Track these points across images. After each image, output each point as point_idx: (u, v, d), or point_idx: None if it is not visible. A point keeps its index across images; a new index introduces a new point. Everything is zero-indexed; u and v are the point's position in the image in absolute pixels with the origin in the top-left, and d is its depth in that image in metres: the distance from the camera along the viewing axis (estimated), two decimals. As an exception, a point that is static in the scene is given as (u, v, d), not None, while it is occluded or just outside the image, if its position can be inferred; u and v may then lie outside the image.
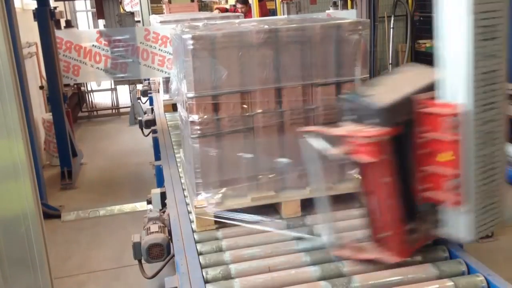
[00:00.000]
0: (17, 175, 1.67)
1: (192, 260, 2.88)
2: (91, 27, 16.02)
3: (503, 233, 4.77)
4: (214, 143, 3.19)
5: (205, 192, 3.24)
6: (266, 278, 2.68)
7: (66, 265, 4.80)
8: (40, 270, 1.74)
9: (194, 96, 3.13)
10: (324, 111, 3.32)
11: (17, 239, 1.72)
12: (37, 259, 1.74)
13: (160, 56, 6.89)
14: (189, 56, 3.08)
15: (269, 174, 3.30)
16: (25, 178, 1.68)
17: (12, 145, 1.64)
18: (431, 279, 2.64)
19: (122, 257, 4.85)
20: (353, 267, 2.75)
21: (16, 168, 1.67)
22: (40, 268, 1.74)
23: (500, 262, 4.22)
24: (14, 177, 1.68)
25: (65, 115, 7.34)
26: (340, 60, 3.30)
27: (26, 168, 1.67)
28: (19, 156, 1.65)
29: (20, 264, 1.75)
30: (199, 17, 6.99)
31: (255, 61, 3.16)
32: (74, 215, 6.05)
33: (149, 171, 7.25)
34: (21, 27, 6.37)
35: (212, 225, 3.24)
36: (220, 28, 3.38)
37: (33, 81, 8.64)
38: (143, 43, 6.89)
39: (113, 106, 12.11)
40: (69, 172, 7.14)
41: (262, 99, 3.21)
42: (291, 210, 3.33)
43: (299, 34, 3.21)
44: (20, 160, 1.66)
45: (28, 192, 1.69)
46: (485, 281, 2.56)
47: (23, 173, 1.67)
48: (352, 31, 3.29)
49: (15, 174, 1.68)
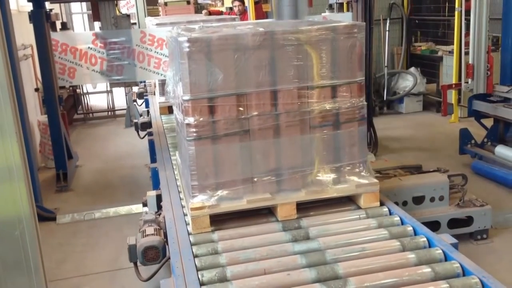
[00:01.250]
0: (12, 177, 1.67)
1: (188, 263, 2.87)
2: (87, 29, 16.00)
3: (497, 235, 4.79)
4: (210, 145, 3.20)
5: (201, 194, 3.24)
6: (262, 280, 2.68)
7: (61, 268, 4.78)
8: (35, 274, 1.73)
9: (190, 98, 3.13)
10: (319, 113, 3.33)
11: (11, 243, 1.72)
12: (31, 263, 1.73)
13: (156, 58, 6.89)
14: (185, 58, 3.08)
15: (265, 177, 3.30)
16: (20, 181, 1.67)
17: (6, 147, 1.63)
18: (426, 281, 2.64)
19: (118, 259, 4.84)
20: (349, 269, 2.75)
21: (11, 170, 1.66)
22: (35, 272, 1.73)
23: (494, 264, 4.23)
24: (9, 180, 1.67)
25: (61, 117, 7.33)
26: (336, 62, 3.31)
27: (21, 170, 1.66)
28: (14, 159, 1.65)
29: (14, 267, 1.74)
30: (195, 19, 7.00)
31: (251, 64, 3.17)
32: (69, 217, 6.03)
33: (144, 174, 7.24)
34: (16, 29, 6.36)
35: (208, 228, 3.24)
36: (216, 30, 3.39)
37: (29, 83, 8.62)
38: (139, 46, 6.89)
39: (109, 108, 12.09)
40: (65, 174, 7.11)
41: (258, 102, 3.22)
42: (287, 212, 3.33)
43: (295, 37, 3.22)
44: (15, 163, 1.65)
45: (23, 195, 1.69)
46: (480, 283, 2.57)
47: (18, 176, 1.66)
48: (347, 34, 3.30)
49: (9, 176, 1.67)
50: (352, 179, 3.46)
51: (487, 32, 6.46)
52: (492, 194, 5.56)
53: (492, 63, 6.51)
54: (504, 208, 5.23)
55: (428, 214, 4.45)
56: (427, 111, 9.90)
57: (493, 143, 6.48)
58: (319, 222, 3.32)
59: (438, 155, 7.12)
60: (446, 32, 10.59)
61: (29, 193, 1.68)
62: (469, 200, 4.67)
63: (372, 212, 3.43)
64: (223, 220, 3.33)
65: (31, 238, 1.71)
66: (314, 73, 3.28)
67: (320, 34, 3.26)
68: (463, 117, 8.73)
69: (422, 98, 9.96)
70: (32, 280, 1.74)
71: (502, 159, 6.12)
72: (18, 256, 1.72)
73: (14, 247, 1.71)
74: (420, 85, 9.75)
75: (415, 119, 9.38)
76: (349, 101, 3.37)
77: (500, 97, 6.43)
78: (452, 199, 4.65)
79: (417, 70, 9.91)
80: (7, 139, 1.62)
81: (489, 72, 6.48)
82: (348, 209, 3.49)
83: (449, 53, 9.37)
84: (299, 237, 3.14)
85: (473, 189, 5.16)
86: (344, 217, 3.39)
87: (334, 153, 3.41)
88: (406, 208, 4.26)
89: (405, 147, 7.66)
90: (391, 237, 3.11)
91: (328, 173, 3.41)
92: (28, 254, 1.72)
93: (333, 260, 2.86)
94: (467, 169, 6.25)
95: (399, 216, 3.35)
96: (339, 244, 3.03)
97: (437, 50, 10.08)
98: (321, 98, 3.32)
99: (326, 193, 3.41)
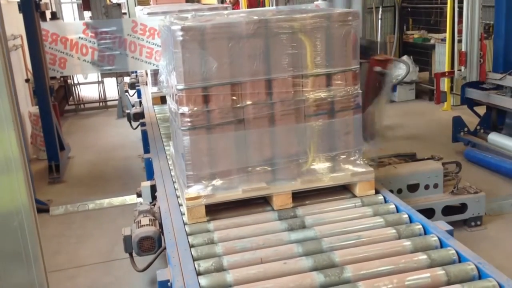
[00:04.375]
0: (10, 168, 1.64)
1: (184, 253, 2.87)
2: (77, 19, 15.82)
3: (491, 221, 4.82)
4: (205, 135, 3.18)
5: (196, 184, 3.23)
6: (259, 269, 2.68)
7: (55, 259, 4.76)
8: (35, 264, 1.72)
9: (184, 88, 3.11)
10: (314, 102, 3.31)
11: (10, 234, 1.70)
12: (31, 254, 1.71)
13: (148, 48, 6.82)
14: (179, 47, 3.05)
15: (260, 166, 3.29)
16: (18, 172, 1.65)
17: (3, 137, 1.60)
18: (422, 268, 2.66)
19: (113, 250, 4.82)
20: (345, 257, 2.76)
21: (9, 161, 1.63)
22: (34, 262, 1.71)
23: (489, 250, 4.26)
24: (7, 171, 1.65)
25: (52, 109, 7.26)
26: (330, 51, 3.30)
27: (18, 161, 1.63)
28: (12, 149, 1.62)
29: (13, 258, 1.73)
30: (186, 8, 6.93)
31: (245, 53, 3.15)
32: (62, 209, 5.99)
33: (137, 164, 7.20)
34: (5, 19, 6.27)
35: (204, 218, 3.23)
36: (209, 19, 3.36)
37: (19, 74, 8.51)
38: (130, 35, 6.81)
39: (101, 99, 11.99)
40: (57, 166, 7.06)
41: (252, 91, 3.20)
42: (282, 202, 3.33)
43: (289, 25, 3.20)
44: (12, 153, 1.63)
45: (21, 185, 1.66)
46: (476, 269, 2.58)
47: (16, 166, 1.64)
48: (342, 22, 3.28)
49: (7, 167, 1.64)
50: (347, 168, 3.46)
51: (480, 19, 6.45)
52: (485, 181, 5.59)
53: (485, 51, 6.51)
54: (498, 195, 5.26)
55: (422, 202, 4.46)
56: (420, 99, 9.91)
57: (486, 131, 6.50)
58: (314, 210, 3.32)
59: (431, 143, 7.13)
60: (438, 20, 10.58)
61: (27, 184, 1.66)
62: (463, 187, 4.68)
63: (368, 200, 3.43)
64: (219, 210, 3.32)
65: (29, 228, 1.69)
66: (309, 61, 3.26)
67: (315, 22, 3.24)
68: (455, 105, 8.75)
69: (414, 87, 9.96)
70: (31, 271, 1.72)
71: (495, 147, 6.15)
72: (17, 247, 1.70)
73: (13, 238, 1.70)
74: (413, 73, 9.74)
75: (408, 108, 9.38)
76: (344, 89, 3.36)
77: (493, 85, 6.44)
78: (446, 186, 4.66)
79: (410, 58, 9.89)
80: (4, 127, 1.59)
81: (482, 60, 6.49)
82: (344, 197, 3.50)
83: (441, 41, 9.36)
84: (295, 226, 3.14)
85: (467, 177, 5.18)
86: (340, 206, 3.39)
87: (329, 141, 3.40)
88: (401, 196, 4.27)
89: (399, 135, 7.66)
90: (387, 224, 3.12)
91: (323, 162, 3.41)
92: (27, 245, 1.71)
93: (329, 249, 2.86)
94: (460, 156, 6.27)
95: (394, 204, 3.36)
96: (335, 232, 3.04)
97: (429, 38, 10.06)
98: (315, 86, 3.31)
99: (322, 182, 3.41)
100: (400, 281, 2.53)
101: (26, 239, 1.70)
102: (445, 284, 2.54)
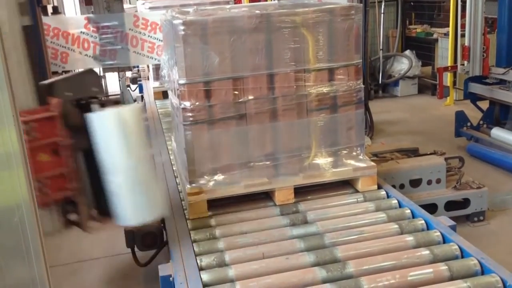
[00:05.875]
0: (10, 163, 1.64)
1: (186, 248, 2.86)
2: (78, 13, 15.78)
3: (494, 217, 4.80)
4: (206, 130, 3.17)
5: (198, 179, 3.22)
6: (261, 264, 2.68)
7: (58, 254, 4.76)
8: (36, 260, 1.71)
9: (186, 82, 3.10)
10: (316, 97, 3.30)
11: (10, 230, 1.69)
12: (32, 249, 1.71)
13: (149, 42, 6.81)
14: (180, 42, 3.04)
15: (262, 161, 3.29)
16: (19, 167, 1.64)
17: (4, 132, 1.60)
18: (425, 263, 2.65)
19: (115, 245, 4.82)
20: (348, 252, 2.75)
21: (9, 156, 1.63)
22: (35, 258, 1.71)
23: (491, 246, 4.24)
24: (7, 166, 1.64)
25: (54, 103, 7.25)
26: (333, 45, 3.28)
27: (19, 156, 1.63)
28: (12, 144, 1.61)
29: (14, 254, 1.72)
30: (188, 2, 6.91)
31: (247, 47, 3.13)
32: (65, 204, 6.00)
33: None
34: (7, 13, 6.26)
35: (205, 213, 3.23)
36: (211, 13, 3.34)
37: (21, 69, 8.51)
38: (132, 30, 6.80)
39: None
40: (59, 160, 7.07)
41: (254, 85, 3.19)
42: (284, 197, 3.32)
43: (291, 20, 3.18)
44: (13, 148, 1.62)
45: (22, 181, 1.66)
46: (479, 264, 2.57)
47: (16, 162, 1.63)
48: (345, 16, 3.26)
49: (8, 162, 1.64)
50: (349, 163, 3.45)
51: (483, 13, 6.41)
52: (488, 177, 5.57)
53: (488, 45, 6.48)
54: (500, 190, 5.24)
55: (425, 197, 4.44)
56: (422, 94, 9.87)
57: (489, 126, 6.47)
58: (317, 206, 3.31)
59: (434, 137, 7.11)
60: (441, 14, 10.53)
61: (28, 179, 1.65)
62: (465, 182, 4.67)
63: (370, 195, 3.42)
64: (221, 205, 3.31)
65: (30, 224, 1.69)
66: (311, 56, 3.25)
67: (317, 16, 3.22)
68: (458, 100, 8.70)
69: (417, 81, 9.92)
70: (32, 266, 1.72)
71: (498, 141, 6.12)
72: (17, 242, 1.70)
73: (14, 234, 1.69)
74: (415, 68, 9.71)
75: (411, 102, 9.35)
76: (346, 84, 3.35)
77: (496, 79, 6.40)
78: (449, 181, 4.65)
79: (412, 53, 9.85)
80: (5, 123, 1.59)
81: (485, 54, 6.45)
82: (346, 192, 3.49)
83: (444, 36, 9.32)
84: (297, 221, 3.13)
85: (469, 172, 5.16)
86: (342, 201, 3.38)
87: (331, 136, 3.39)
88: (403, 191, 4.25)
89: (401, 130, 7.64)
90: (389, 220, 3.11)
91: (325, 157, 3.40)
92: (28, 241, 1.70)
93: (332, 244, 2.85)
94: (463, 151, 6.24)
95: (396, 199, 3.35)
96: (337, 227, 3.03)
97: (432, 33, 10.02)
98: (318, 81, 3.29)
99: (324, 177, 3.40)
100: (402, 276, 2.52)
101: (27, 234, 1.69)
102: (447, 279, 2.53)
